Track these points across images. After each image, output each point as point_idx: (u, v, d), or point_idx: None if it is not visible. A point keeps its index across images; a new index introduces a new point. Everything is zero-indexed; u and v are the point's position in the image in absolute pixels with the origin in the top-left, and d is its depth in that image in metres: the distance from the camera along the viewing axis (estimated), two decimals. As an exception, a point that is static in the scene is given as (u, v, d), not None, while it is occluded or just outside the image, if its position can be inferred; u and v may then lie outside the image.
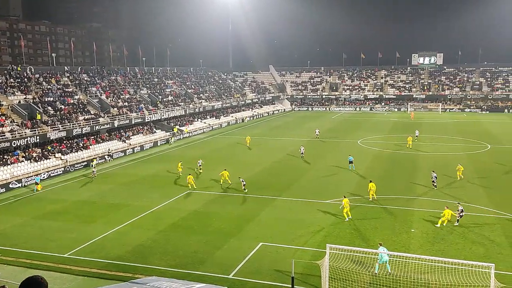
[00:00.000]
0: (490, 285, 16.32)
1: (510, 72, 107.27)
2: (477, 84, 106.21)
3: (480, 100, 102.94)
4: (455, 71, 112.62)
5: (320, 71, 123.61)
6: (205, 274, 20.59)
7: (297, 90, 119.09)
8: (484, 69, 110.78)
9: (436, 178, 34.45)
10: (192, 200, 32.94)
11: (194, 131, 70.93)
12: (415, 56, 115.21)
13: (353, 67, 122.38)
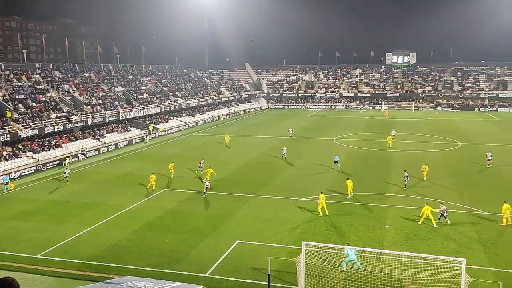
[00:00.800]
0: (461, 279, 16.76)
1: (480, 71, 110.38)
2: (448, 83, 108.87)
3: (452, 99, 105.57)
4: (428, 70, 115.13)
5: (296, 70, 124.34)
6: (181, 273, 20.45)
7: (273, 88, 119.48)
8: (455, 68, 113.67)
9: (407, 178, 34.69)
10: (168, 199, 32.64)
11: (169, 129, 70.28)
12: (389, 55, 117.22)
13: (328, 66, 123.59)
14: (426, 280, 18.43)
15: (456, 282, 17.13)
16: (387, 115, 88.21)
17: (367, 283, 18.94)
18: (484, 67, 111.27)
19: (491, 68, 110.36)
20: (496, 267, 20.78)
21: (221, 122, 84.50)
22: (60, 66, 70.18)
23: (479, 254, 22.18)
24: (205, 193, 33.32)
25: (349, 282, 19.26)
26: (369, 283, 18.94)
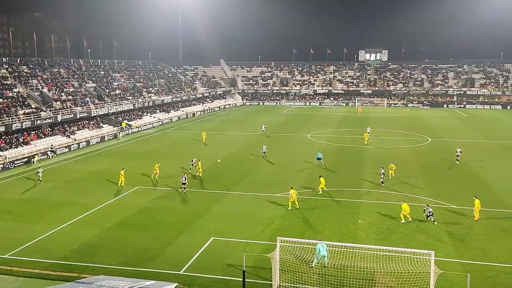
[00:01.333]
0: (430, 271, 17.20)
1: (449, 69, 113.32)
2: (419, 80, 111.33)
3: (422, 96, 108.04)
4: (399, 67, 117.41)
5: (271, 66, 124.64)
6: (155, 271, 20.23)
7: (248, 84, 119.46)
8: (426, 66, 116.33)
9: (384, 175, 35.04)
10: (141, 196, 32.20)
11: (143, 125, 69.30)
12: (361, 53, 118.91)
13: (303, 63, 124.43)
14: (397, 272, 18.83)
15: (426, 274, 17.58)
16: (360, 112, 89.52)
17: (340, 277, 19.20)
18: (453, 65, 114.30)
19: (459, 66, 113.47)
20: (464, 259, 21.42)
21: (196, 118, 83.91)
22: (28, 61, 68.05)
23: (447, 247, 22.81)
24: (182, 188, 33.17)
25: (323, 277, 19.49)
26: (343, 277, 19.20)
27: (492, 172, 38.80)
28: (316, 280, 19.32)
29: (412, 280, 18.19)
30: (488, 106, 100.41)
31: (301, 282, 18.84)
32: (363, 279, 19.18)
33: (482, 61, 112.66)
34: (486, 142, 54.16)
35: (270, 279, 18.73)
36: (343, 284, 18.70)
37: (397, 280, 18.79)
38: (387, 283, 18.93)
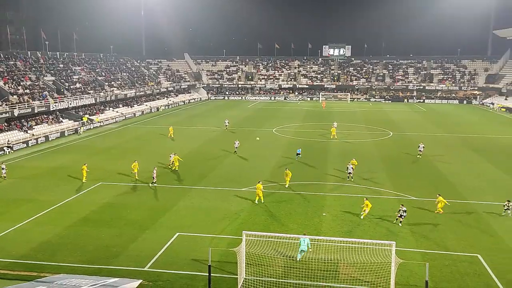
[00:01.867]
0: (391, 261, 17.74)
1: (409, 64, 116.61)
2: (381, 76, 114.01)
3: (384, 91, 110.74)
4: (362, 62, 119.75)
5: (236, 60, 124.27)
6: (118, 268, 19.85)
7: (213, 79, 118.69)
8: (387, 61, 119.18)
9: (352, 170, 35.11)
10: (104, 193, 31.45)
11: (105, 120, 67.59)
12: (325, 48, 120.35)
13: (267, 57, 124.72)
14: (360, 263, 19.30)
15: (387, 264, 18.10)
16: (324, 106, 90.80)
17: (305, 269, 19.49)
18: (412, 61, 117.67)
19: (418, 61, 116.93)
20: (423, 248, 22.21)
21: (160, 113, 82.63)
22: (-18, 53, 64.92)
23: (407, 237, 23.57)
24: (153, 183, 32.92)
25: (288, 269, 19.71)
26: (308, 269, 19.50)
27: (451, 165, 40.30)
28: (281, 272, 19.51)
29: (374, 270, 18.70)
30: (445, 100, 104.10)
31: (266, 275, 19.00)
32: (327, 270, 19.54)
33: (440, 58, 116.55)
34: (444, 136, 56.18)
35: (236, 273, 18.78)
36: (308, 276, 18.99)
37: (360, 270, 19.27)
38: (350, 273, 19.37)
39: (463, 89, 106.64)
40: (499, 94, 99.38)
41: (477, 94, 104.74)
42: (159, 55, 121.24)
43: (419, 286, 18.07)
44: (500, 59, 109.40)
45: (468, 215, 27.02)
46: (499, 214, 27.08)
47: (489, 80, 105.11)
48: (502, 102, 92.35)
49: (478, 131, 59.96)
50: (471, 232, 24.34)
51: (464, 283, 18.89)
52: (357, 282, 18.74)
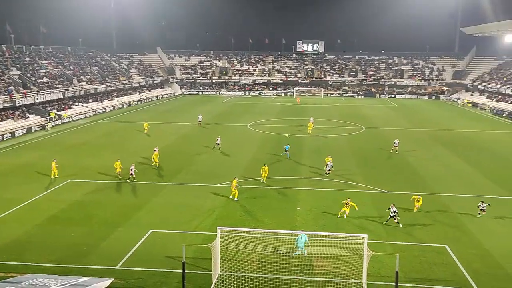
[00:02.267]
0: (363, 253, 18.01)
1: (381, 60, 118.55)
2: (353, 71, 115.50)
3: (356, 86, 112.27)
4: (335, 58, 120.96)
5: (210, 55, 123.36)
6: (89, 267, 19.41)
7: (187, 73, 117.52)
8: (359, 57, 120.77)
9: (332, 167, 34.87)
10: (74, 190, 30.67)
11: (74, 115, 65.93)
12: (299, 43, 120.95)
13: (242, 52, 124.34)
14: (333, 256, 19.51)
15: (359, 256, 18.37)
16: (299, 102, 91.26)
17: (280, 263, 19.56)
18: (384, 57, 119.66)
19: (389, 58, 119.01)
20: (394, 240, 22.66)
21: (132, 108, 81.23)
22: None
23: (379, 230, 23.99)
24: (131, 178, 32.38)
25: (263, 264, 19.74)
26: (282, 263, 19.57)
27: (420, 159, 41.24)
28: (256, 267, 19.52)
29: (347, 262, 18.94)
30: (415, 96, 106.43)
31: (241, 271, 18.97)
32: (301, 264, 19.67)
33: (410, 54, 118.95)
34: (414, 131, 57.43)
35: (211, 269, 18.67)
36: (282, 270, 19.07)
37: (333, 263, 19.49)
38: (324, 266, 19.56)
39: (432, 85, 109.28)
40: (466, 90, 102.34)
41: (445, 89, 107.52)
42: (131, 49, 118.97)
43: (390, 276, 18.42)
44: (466, 55, 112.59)
45: (436, 207, 27.70)
46: (472, 214, 27.84)
47: (456, 76, 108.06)
48: (468, 97, 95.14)
49: (446, 126, 61.58)
50: (439, 224, 24.97)
51: (432, 273, 19.39)
52: (330, 274, 18.94)
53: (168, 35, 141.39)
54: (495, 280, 18.90)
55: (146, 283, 18.26)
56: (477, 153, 44.11)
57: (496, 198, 29.62)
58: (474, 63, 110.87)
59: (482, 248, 21.96)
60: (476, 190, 31.30)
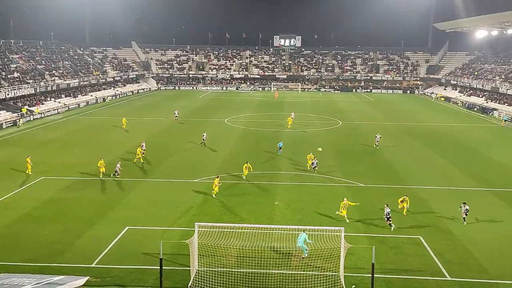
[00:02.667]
0: (340, 246, 18.22)
1: (357, 55, 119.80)
2: (330, 66, 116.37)
3: (333, 81, 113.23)
4: (312, 53, 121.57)
5: (186, 50, 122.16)
6: (64, 266, 19.01)
7: (163, 68, 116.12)
8: (336, 52, 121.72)
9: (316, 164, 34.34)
10: (47, 188, 29.96)
11: (47, 111, 64.36)
12: (276, 38, 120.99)
13: (219, 47, 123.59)
14: (311, 249, 19.67)
15: (337, 249, 18.58)
16: (277, 97, 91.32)
17: (258, 258, 19.59)
18: (360, 52, 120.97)
19: (365, 53, 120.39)
20: (370, 233, 23.01)
21: (107, 103, 79.80)
22: None
23: (355, 223, 24.30)
24: (115, 174, 31.90)
25: (242, 259, 19.74)
26: (260, 257, 19.61)
27: (395, 153, 41.93)
28: (234, 262, 19.51)
29: (325, 255, 19.13)
30: (391, 90, 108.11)
31: (219, 266, 18.93)
32: (280, 258, 19.76)
33: (386, 49, 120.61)
34: (390, 124, 58.35)
35: (189, 265, 18.56)
36: (261, 265, 19.12)
37: (311, 256, 19.64)
38: (302, 260, 19.70)
39: (407, 80, 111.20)
40: (439, 84, 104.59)
41: (419, 84, 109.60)
42: (104, 43, 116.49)
43: (366, 268, 18.69)
44: (439, 51, 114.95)
45: (410, 200, 28.18)
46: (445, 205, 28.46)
47: (430, 71, 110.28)
48: (441, 92, 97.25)
49: (420, 120, 62.79)
50: (413, 216, 25.46)
51: (407, 264, 19.79)
52: (308, 268, 19.10)
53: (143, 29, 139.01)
54: (467, 269, 19.42)
55: (123, 281, 18.02)
56: (449, 146, 45.15)
57: (467, 190, 30.43)
58: (447, 58, 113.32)
59: (454, 238, 22.53)
60: (448, 182, 32.09)
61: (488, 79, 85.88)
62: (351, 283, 17.95)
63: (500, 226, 24.29)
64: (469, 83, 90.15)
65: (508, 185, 31.65)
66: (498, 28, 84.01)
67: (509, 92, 74.01)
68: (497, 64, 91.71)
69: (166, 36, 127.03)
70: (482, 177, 33.63)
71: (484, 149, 43.91)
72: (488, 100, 78.01)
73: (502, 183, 32.01)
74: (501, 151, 43.09)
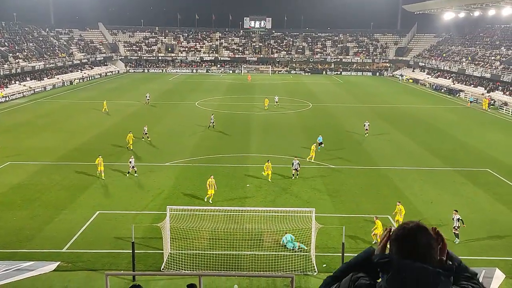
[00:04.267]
0: (311, 227, 18.65)
1: (327, 37, 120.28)
2: (300, 48, 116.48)
3: (303, 63, 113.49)
4: (282, 35, 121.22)
5: (155, 31, 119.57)
6: (33, 251, 18.76)
7: (131, 50, 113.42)
8: (306, 34, 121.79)
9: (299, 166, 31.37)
10: (14, 173, 29.19)
11: (11, 95, 62.13)
12: (246, 20, 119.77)
13: (188, 28, 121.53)
14: (283, 230, 20.04)
15: (308, 229, 19.00)
16: (250, 79, 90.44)
17: (230, 240, 19.82)
18: (330, 34, 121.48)
19: (335, 35, 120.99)
20: (340, 213, 23.60)
21: (74, 86, 77.60)
22: None
23: (326, 203, 24.85)
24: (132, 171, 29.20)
25: (214, 241, 19.93)
26: (232, 240, 19.85)
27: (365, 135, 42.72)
28: (206, 244, 19.69)
29: (296, 235, 19.55)
30: (360, 73, 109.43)
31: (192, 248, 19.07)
32: (252, 239, 20.05)
33: (355, 31, 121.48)
34: (360, 106, 59.29)
35: (161, 247, 18.61)
36: (233, 246, 19.36)
37: (283, 237, 20.01)
38: (273, 241, 20.07)
39: (376, 62, 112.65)
40: (407, 66, 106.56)
41: (388, 66, 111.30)
42: (70, 25, 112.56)
43: (336, 248, 19.21)
44: (408, 33, 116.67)
45: (380, 180, 29.04)
46: (410, 184, 29.35)
47: (398, 53, 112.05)
48: (410, 74, 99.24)
49: (389, 102, 64.04)
50: (382, 196, 26.22)
51: (377, 242, 20.42)
52: (280, 249, 19.48)
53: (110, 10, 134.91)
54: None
55: (95, 265, 17.94)
56: (417, 127, 46.36)
57: (434, 169, 31.48)
58: (415, 40, 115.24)
59: (421, 216, 23.31)
60: (416, 162, 33.08)
61: (455, 60, 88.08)
62: (322, 262, 18.45)
63: (466, 204, 25.30)
64: (436, 65, 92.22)
65: (473, 164, 32.90)
66: (465, 10, 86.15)
67: (475, 74, 76.24)
68: (464, 46, 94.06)
69: (134, 17, 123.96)
70: (449, 157, 34.77)
71: (451, 129, 45.31)
72: (455, 82, 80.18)
73: (468, 163, 33.23)
74: (467, 132, 44.59)
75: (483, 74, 74.02)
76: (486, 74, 73.22)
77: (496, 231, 21.69)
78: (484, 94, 66.81)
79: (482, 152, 36.40)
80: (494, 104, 61.07)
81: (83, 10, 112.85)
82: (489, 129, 46.64)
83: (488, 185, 28.18)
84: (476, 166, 32.33)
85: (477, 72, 76.11)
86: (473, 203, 25.37)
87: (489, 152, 36.07)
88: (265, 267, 18.05)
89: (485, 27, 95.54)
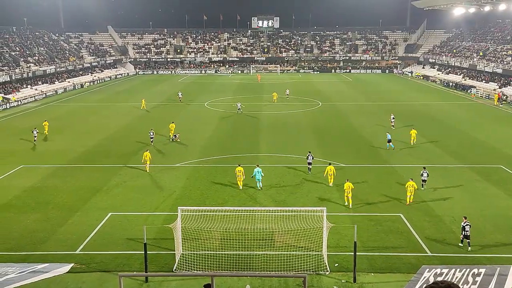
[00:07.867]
0: (323, 226, 18.58)
1: (336, 36, 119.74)
2: (309, 47, 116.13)
3: (312, 62, 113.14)
4: (290, 34, 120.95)
5: (164, 33, 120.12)
6: (47, 253, 18.98)
7: (141, 53, 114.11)
8: (314, 33, 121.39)
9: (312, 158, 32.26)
10: (27, 176, 29.54)
11: (24, 99, 62.87)
12: (254, 19, 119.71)
13: (196, 30, 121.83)
14: (294, 230, 20.00)
15: (319, 229, 18.94)
16: (260, 79, 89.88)
17: (241, 240, 19.84)
18: (338, 32, 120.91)
19: (344, 33, 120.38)
20: (352, 212, 23.47)
21: (85, 89, 78.30)
22: None
23: (337, 202, 24.72)
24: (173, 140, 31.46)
25: (225, 241, 19.96)
26: (244, 239, 19.86)
27: (375, 132, 42.47)
28: (218, 244, 19.72)
29: (308, 235, 19.48)
30: (369, 70, 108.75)
31: (204, 249, 19.11)
32: (263, 239, 20.05)
33: (364, 29, 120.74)
34: (369, 104, 58.88)
35: (173, 248, 18.70)
36: (244, 246, 19.38)
37: (294, 237, 19.97)
38: (285, 240, 20.04)
39: (385, 59, 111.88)
40: (417, 63, 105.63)
41: (398, 63, 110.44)
42: (80, 28, 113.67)
43: (348, 247, 19.13)
44: (417, 29, 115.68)
45: (391, 178, 28.83)
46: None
47: (408, 50, 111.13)
48: (420, 70, 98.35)
49: (399, 99, 63.53)
50: (394, 193, 26.01)
51: (388, 241, 20.32)
52: (292, 248, 19.44)
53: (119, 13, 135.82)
54: (446, 244, 20.04)
55: (108, 266, 18.09)
56: (428, 124, 45.89)
57: (447, 167, 31.16)
58: (425, 36, 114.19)
59: (434, 214, 23.15)
60: (427, 160, 32.73)
61: (466, 56, 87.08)
62: (334, 262, 18.38)
63: (478, 201, 25.02)
64: (447, 61, 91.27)
65: (485, 161, 32.52)
66: (475, 5, 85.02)
67: (487, 69, 75.32)
68: (474, 41, 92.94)
69: (142, 19, 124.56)
70: (460, 153, 34.40)
71: (462, 126, 44.79)
72: (466, 78, 79.30)
73: (480, 159, 32.85)
74: (478, 128, 44.04)
75: (495, 69, 73.09)
76: (498, 70, 72.29)
77: (510, 228, 21.43)
78: (496, 89, 65.95)
79: (495, 148, 35.96)
80: (507, 100, 60.26)
81: (93, 14, 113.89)
82: (501, 124, 46.05)
83: (501, 182, 27.83)
84: (488, 163, 31.95)
85: (488, 67, 75.19)
86: (487, 200, 25.08)
87: (502, 149, 35.62)
88: (277, 267, 18.03)
89: (496, 22, 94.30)
